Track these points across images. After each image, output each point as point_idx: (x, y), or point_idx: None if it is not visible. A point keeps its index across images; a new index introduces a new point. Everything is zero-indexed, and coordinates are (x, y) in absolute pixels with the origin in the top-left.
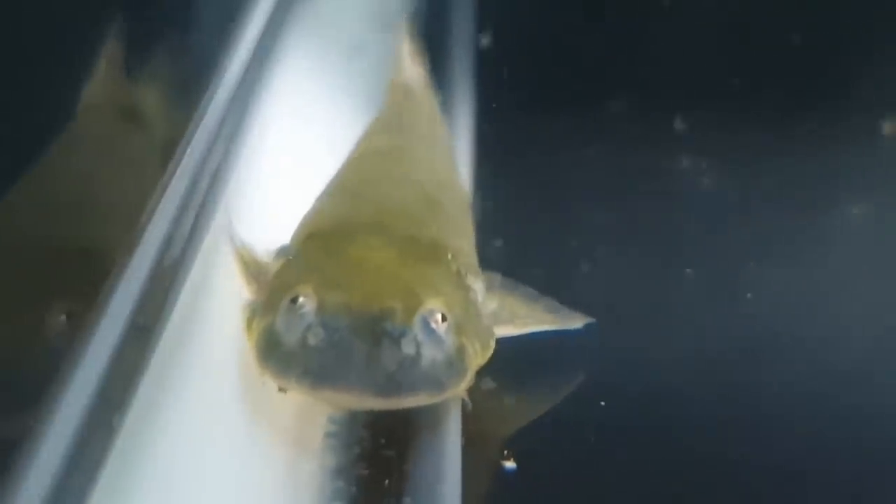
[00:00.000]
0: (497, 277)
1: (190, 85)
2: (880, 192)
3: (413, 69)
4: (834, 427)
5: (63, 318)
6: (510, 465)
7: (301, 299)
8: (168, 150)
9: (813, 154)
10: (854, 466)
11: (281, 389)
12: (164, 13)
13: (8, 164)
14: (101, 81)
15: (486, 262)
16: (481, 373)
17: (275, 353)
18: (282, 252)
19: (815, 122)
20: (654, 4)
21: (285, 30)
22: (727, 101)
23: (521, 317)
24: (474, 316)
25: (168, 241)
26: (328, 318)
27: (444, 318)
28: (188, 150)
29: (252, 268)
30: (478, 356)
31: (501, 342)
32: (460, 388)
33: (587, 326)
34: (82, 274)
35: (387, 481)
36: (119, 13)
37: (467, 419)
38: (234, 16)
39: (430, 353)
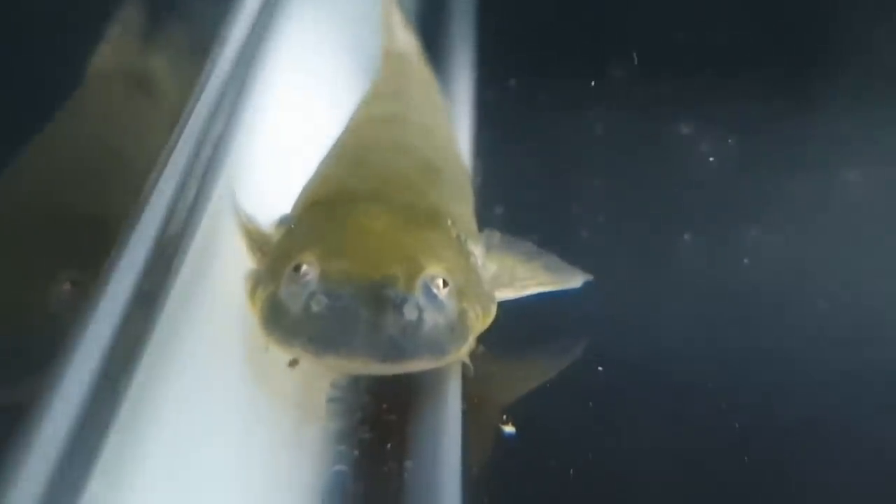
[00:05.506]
0: (496, 235)
1: (197, 52)
2: (877, 157)
3: (405, 37)
4: (832, 390)
5: (68, 286)
6: (510, 429)
7: (304, 267)
8: (176, 119)
9: (811, 120)
10: (853, 428)
11: (291, 364)
12: None
13: (16, 129)
14: (113, 47)
15: (487, 228)
16: (481, 339)
17: (279, 321)
18: (283, 221)
19: (813, 89)
20: None
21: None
22: (726, 66)
23: (520, 279)
24: (475, 281)
25: (172, 210)
26: (331, 285)
27: (445, 284)
28: (191, 119)
29: (255, 237)
30: (479, 321)
31: (501, 309)
32: (462, 353)
33: (586, 292)
34: (88, 242)
35: (389, 445)
36: None
37: (468, 384)
38: None
39: (432, 319)
